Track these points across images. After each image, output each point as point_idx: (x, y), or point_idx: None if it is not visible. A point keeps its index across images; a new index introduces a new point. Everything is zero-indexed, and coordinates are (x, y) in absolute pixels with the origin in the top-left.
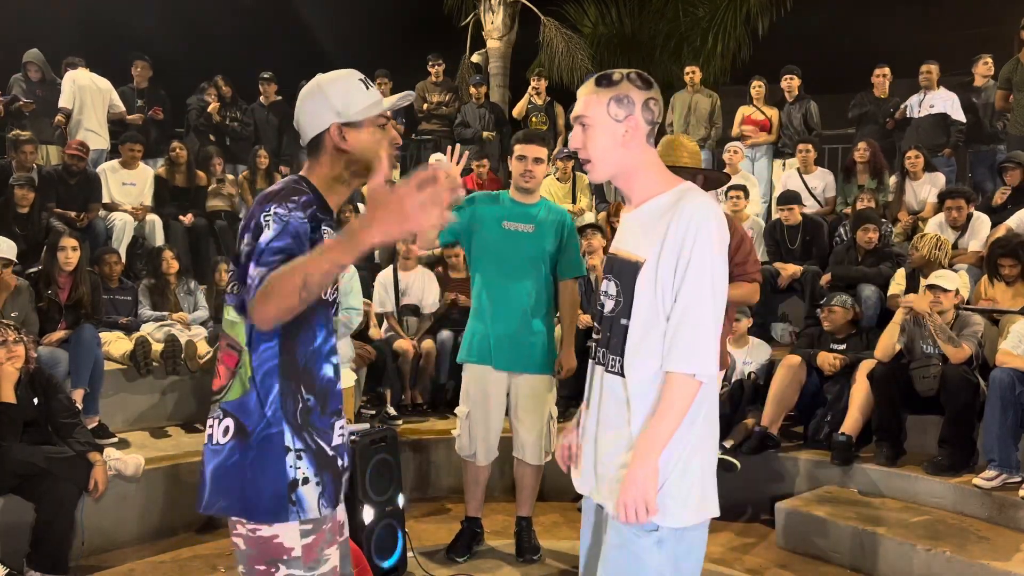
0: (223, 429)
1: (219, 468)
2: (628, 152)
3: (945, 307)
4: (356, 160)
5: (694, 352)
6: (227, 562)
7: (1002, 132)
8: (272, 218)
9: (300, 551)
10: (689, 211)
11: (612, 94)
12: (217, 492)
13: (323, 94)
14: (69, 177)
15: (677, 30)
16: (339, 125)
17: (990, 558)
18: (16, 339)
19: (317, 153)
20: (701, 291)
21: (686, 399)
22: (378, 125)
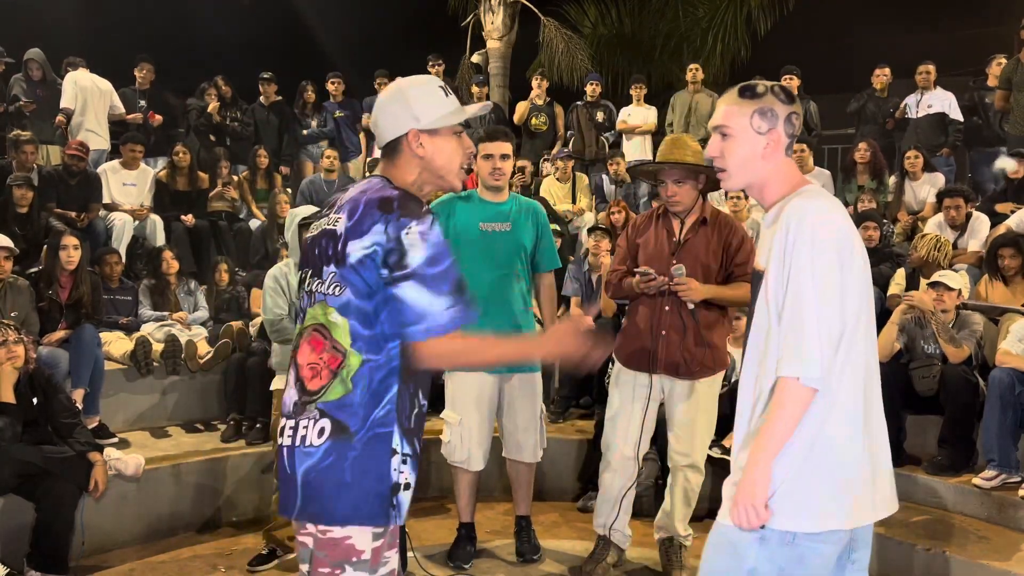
0: (318, 430)
1: (312, 471)
2: (766, 164)
3: (948, 306)
4: (430, 167)
5: (796, 356)
6: (227, 562)
7: (1004, 132)
8: (418, 238)
9: (370, 554)
10: (786, 216)
11: (756, 106)
12: (309, 497)
13: (404, 98)
14: (69, 177)
15: (677, 30)
16: (417, 131)
17: (990, 558)
18: (16, 339)
19: (394, 156)
20: (802, 295)
21: (795, 403)
22: (455, 133)
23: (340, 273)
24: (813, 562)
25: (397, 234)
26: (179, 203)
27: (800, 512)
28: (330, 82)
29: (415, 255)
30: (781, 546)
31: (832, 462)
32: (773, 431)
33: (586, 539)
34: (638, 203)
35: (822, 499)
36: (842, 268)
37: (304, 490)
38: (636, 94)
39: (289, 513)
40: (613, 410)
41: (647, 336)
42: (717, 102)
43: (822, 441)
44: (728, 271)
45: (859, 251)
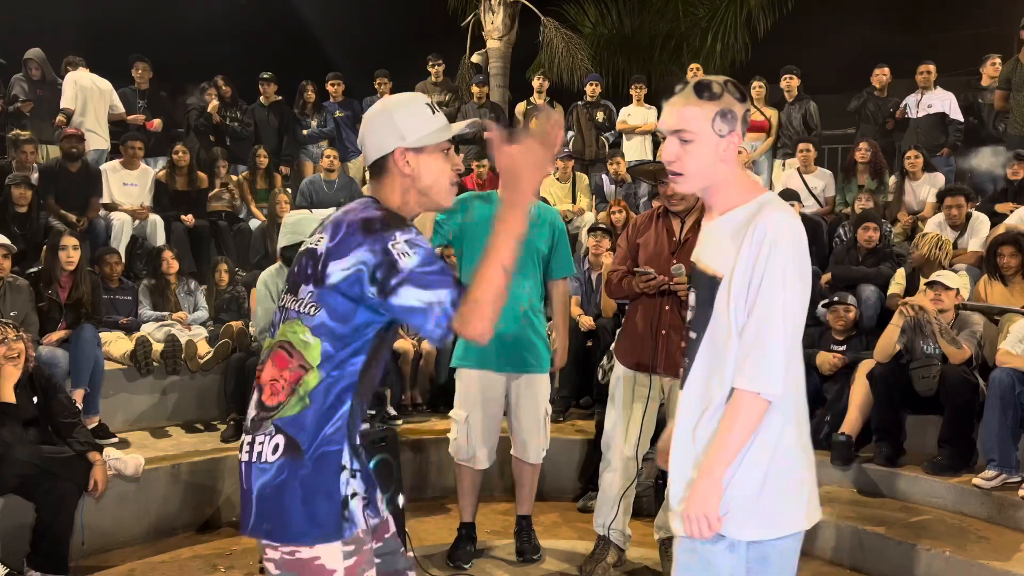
0: (273, 447)
1: (266, 487)
2: (723, 167)
3: (947, 306)
4: (417, 186)
5: (760, 371)
6: (227, 562)
7: (1002, 133)
8: (406, 247)
9: (343, 573)
10: (764, 225)
11: (717, 108)
12: (263, 514)
13: (389, 117)
14: (70, 164)
15: (677, 30)
16: (403, 150)
17: (990, 558)
18: (16, 338)
19: (380, 175)
20: (772, 310)
21: (752, 417)
22: (443, 150)
23: (317, 293)
24: (777, 563)
25: (384, 246)
26: (179, 203)
27: (752, 519)
28: (330, 82)
29: (406, 261)
30: (747, 550)
31: (790, 467)
32: (728, 442)
33: (586, 539)
34: (638, 203)
35: (787, 504)
36: (804, 284)
37: (258, 506)
38: (636, 94)
39: (244, 529)
40: (613, 410)
41: (647, 336)
42: (666, 103)
43: (781, 449)
44: None
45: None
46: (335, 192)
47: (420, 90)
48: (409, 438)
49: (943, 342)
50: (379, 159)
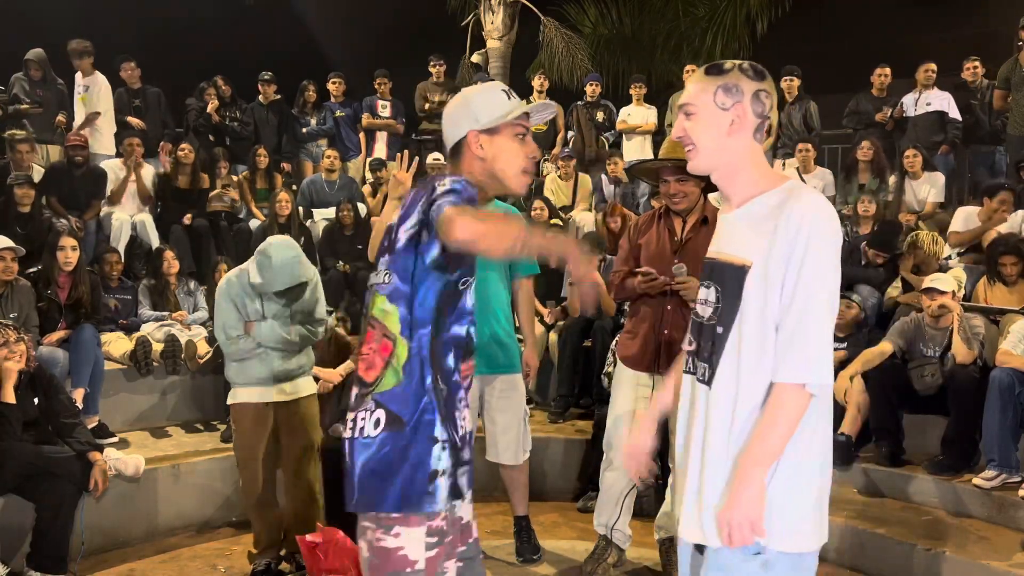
0: (374, 421)
1: (370, 461)
2: (733, 142)
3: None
4: (490, 169)
5: (809, 362)
6: (227, 562)
7: (1002, 132)
8: (447, 183)
9: (423, 563)
10: (800, 211)
11: (720, 82)
12: (364, 488)
13: (466, 103)
14: (74, 169)
15: (677, 30)
16: (476, 132)
17: (990, 558)
18: (16, 339)
19: (457, 159)
20: (817, 298)
21: (796, 411)
22: (517, 135)
23: (390, 260)
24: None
25: (432, 187)
26: (180, 201)
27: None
28: (331, 82)
29: (441, 188)
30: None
31: (824, 473)
32: (773, 441)
33: (586, 539)
34: (637, 203)
35: (818, 513)
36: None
37: (361, 480)
38: (636, 94)
39: (349, 505)
40: (615, 410)
41: (650, 336)
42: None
43: (818, 451)
44: None
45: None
46: (335, 192)
47: (420, 90)
48: None
49: (959, 340)
50: (456, 144)
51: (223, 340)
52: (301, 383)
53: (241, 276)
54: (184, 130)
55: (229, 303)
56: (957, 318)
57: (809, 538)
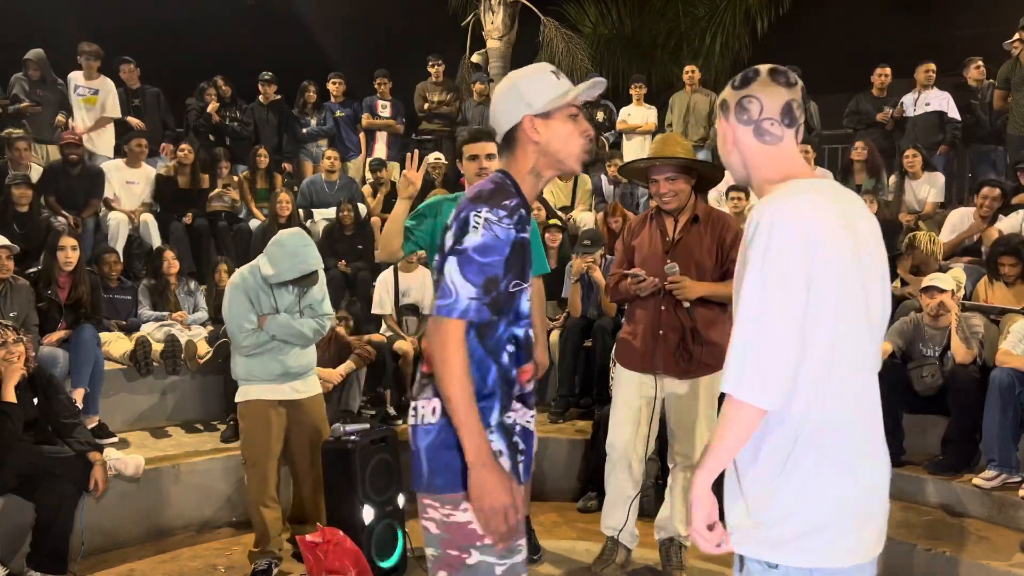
0: (431, 408)
1: (432, 446)
2: (739, 154)
3: (952, 306)
4: (548, 152)
5: (736, 372)
6: (227, 562)
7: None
8: (482, 223)
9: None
10: (754, 214)
11: (718, 101)
12: (434, 471)
13: (516, 88)
14: (70, 168)
15: (677, 30)
16: (531, 117)
17: (990, 558)
18: (16, 339)
19: (512, 147)
20: (749, 305)
21: (736, 423)
22: (570, 116)
23: (440, 261)
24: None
25: (468, 215)
26: (180, 201)
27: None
28: (331, 82)
29: (472, 237)
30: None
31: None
32: (715, 449)
33: (586, 539)
34: (637, 203)
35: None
36: (810, 281)
37: (426, 465)
38: (636, 94)
39: (417, 487)
40: (616, 412)
41: (646, 337)
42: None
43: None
44: (724, 268)
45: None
46: (335, 192)
47: (420, 90)
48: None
49: (957, 339)
50: (509, 131)
51: (237, 333)
52: (311, 381)
53: (253, 271)
54: (184, 130)
55: (243, 296)
56: (955, 318)
57: (823, 554)
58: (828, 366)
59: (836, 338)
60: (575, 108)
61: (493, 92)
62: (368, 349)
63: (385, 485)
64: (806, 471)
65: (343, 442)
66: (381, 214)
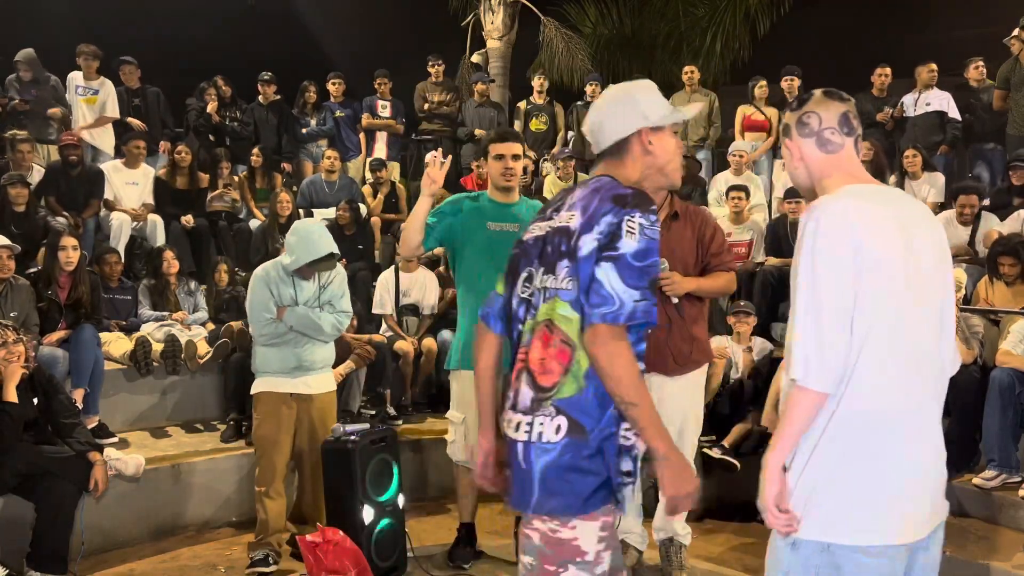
0: (555, 427)
1: (550, 467)
2: (805, 167)
3: None
4: (656, 164)
5: (802, 360)
6: (227, 562)
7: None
8: (637, 229)
9: (593, 555)
10: (809, 210)
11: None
12: (549, 492)
13: (632, 100)
14: (70, 169)
15: (677, 30)
16: (647, 130)
17: (990, 558)
18: (16, 341)
19: (621, 155)
20: (804, 298)
21: (800, 407)
22: (673, 132)
23: (572, 267)
24: (852, 571)
25: (619, 220)
26: (179, 202)
27: (820, 522)
28: (331, 82)
29: (628, 242)
30: (812, 552)
31: (870, 473)
32: (781, 431)
33: None
34: None
35: (867, 513)
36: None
37: (542, 485)
38: None
39: (524, 508)
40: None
41: None
42: None
43: (858, 450)
44: (704, 263)
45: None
46: (335, 192)
47: (420, 90)
48: (409, 438)
49: (957, 339)
50: (620, 140)
51: (256, 322)
52: (323, 379)
53: (276, 264)
54: (184, 130)
55: (264, 287)
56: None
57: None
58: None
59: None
60: (676, 126)
61: (598, 100)
62: (368, 349)
63: (385, 485)
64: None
65: (343, 442)
66: (381, 214)
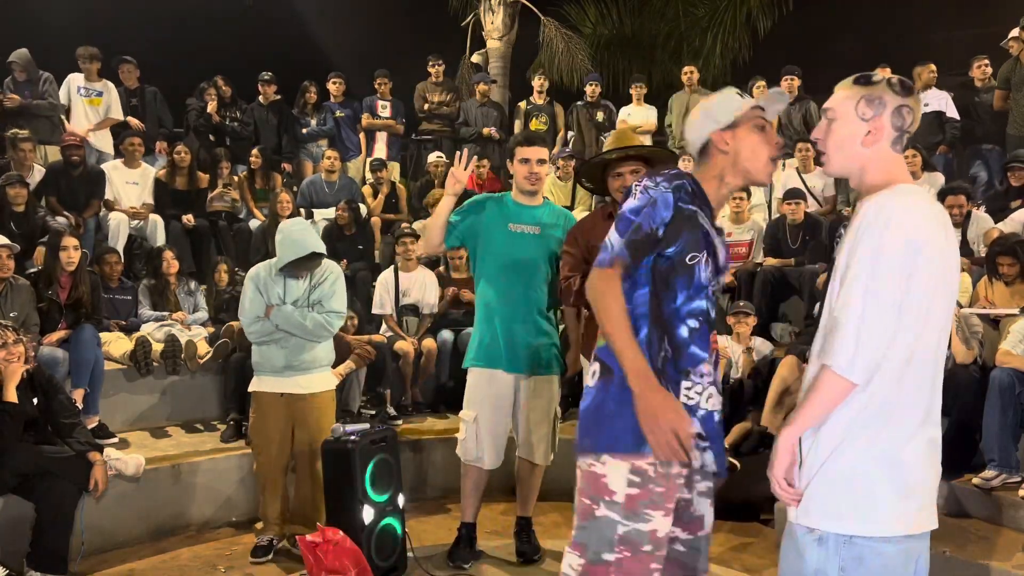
0: (591, 372)
1: (587, 409)
2: (865, 152)
3: None
4: (736, 161)
5: (834, 348)
6: (227, 562)
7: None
8: (640, 189)
9: (622, 497)
10: (868, 205)
11: (865, 93)
12: (584, 431)
13: (707, 109)
14: (71, 169)
15: (677, 30)
16: (720, 131)
17: (990, 558)
18: (15, 341)
19: (704, 158)
20: (851, 291)
21: (828, 392)
22: (756, 127)
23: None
24: (873, 562)
25: (631, 187)
26: (178, 203)
27: (844, 514)
28: (331, 82)
29: (630, 202)
30: (840, 546)
31: (893, 464)
32: (804, 412)
33: None
34: None
35: (888, 503)
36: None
37: (581, 424)
38: (636, 94)
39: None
40: None
41: None
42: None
43: (881, 444)
44: None
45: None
46: (335, 192)
47: (420, 90)
48: (409, 438)
49: (957, 339)
50: (702, 146)
51: (244, 320)
52: (317, 378)
53: (268, 265)
54: (184, 130)
55: (254, 287)
56: (954, 318)
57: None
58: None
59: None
60: (762, 120)
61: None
62: (368, 349)
63: (385, 485)
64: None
65: (343, 442)
66: (381, 214)
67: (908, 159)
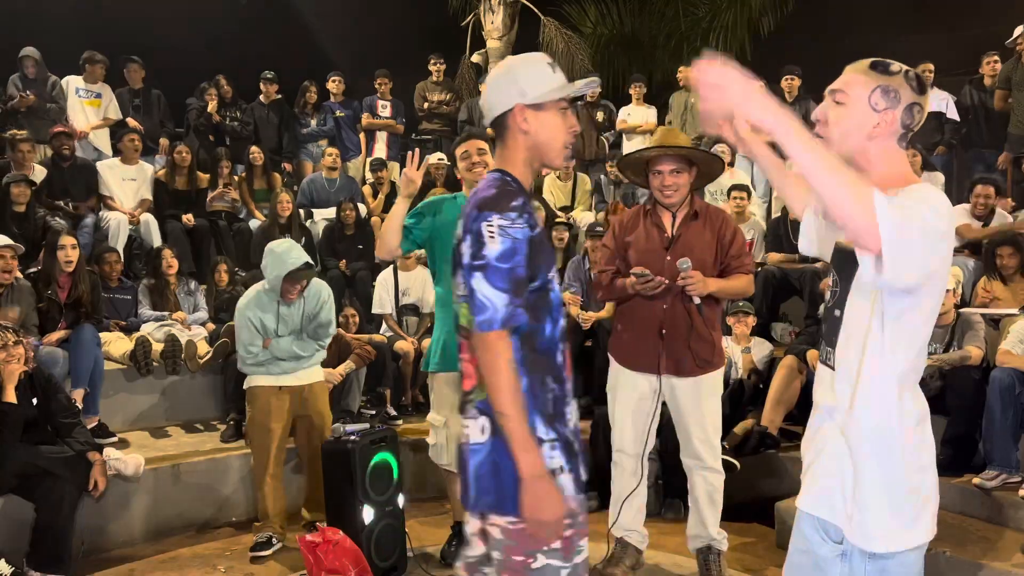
0: (479, 428)
1: (481, 467)
2: (871, 145)
3: (947, 307)
4: (535, 143)
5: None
6: (227, 562)
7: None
8: (496, 231)
9: (560, 542)
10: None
11: (881, 82)
12: (481, 491)
13: (511, 74)
14: (62, 162)
15: (677, 30)
16: (522, 107)
17: (990, 558)
18: (15, 342)
19: (503, 135)
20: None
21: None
22: (560, 109)
23: (461, 274)
24: (896, 572)
25: (479, 227)
26: (178, 203)
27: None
28: (331, 81)
29: (491, 247)
30: (864, 561)
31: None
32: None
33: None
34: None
35: (917, 513)
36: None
37: (475, 484)
38: (636, 94)
39: (467, 506)
40: (619, 414)
41: (649, 336)
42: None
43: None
44: (724, 264)
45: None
46: (335, 191)
47: (420, 90)
48: (409, 438)
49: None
50: (499, 117)
51: (242, 355)
52: (313, 371)
53: (258, 292)
54: (185, 130)
55: (246, 321)
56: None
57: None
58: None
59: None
60: (566, 103)
61: (488, 77)
62: (368, 349)
63: (385, 485)
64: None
65: (343, 442)
66: (381, 214)
67: (908, 159)
